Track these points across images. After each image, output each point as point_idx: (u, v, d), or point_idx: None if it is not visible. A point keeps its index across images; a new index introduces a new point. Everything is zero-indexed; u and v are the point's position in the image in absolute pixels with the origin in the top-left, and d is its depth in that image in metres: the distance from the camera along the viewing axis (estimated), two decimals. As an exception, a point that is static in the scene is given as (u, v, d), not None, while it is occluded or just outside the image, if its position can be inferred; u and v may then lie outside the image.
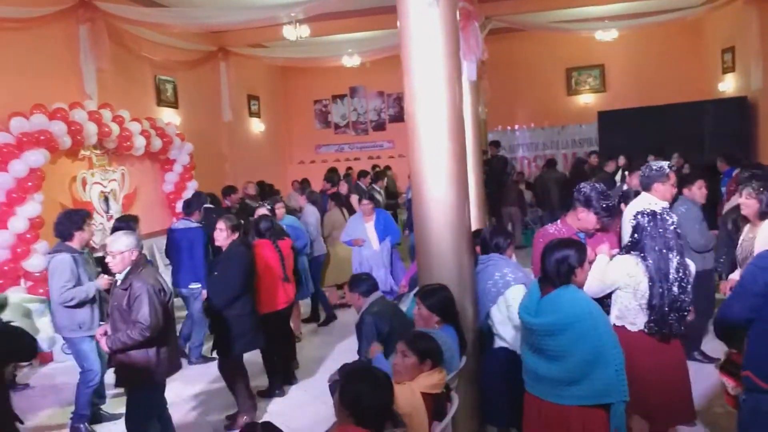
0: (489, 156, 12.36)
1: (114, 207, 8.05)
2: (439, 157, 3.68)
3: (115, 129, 7.82)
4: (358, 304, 4.26)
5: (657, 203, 3.46)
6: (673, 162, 10.17)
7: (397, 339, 3.85)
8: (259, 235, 5.58)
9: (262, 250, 5.44)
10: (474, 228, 4.30)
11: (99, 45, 8.13)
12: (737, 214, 4.98)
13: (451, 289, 3.56)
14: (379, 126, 15.84)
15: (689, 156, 10.50)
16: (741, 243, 4.27)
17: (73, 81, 8.04)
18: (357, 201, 7.92)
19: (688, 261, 3.37)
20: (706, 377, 4.56)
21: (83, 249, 4.96)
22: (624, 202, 5.00)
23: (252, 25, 10.42)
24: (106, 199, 7.95)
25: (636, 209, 3.91)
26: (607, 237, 3.91)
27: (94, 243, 7.58)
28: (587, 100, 14.88)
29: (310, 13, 9.13)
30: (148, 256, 5.84)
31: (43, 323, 3.87)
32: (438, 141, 3.67)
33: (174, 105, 10.74)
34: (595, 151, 12.43)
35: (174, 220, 9.31)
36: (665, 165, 4.36)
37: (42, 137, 6.60)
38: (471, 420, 3.85)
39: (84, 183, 7.63)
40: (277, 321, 5.51)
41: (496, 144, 13.01)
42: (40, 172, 6.60)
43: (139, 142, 8.30)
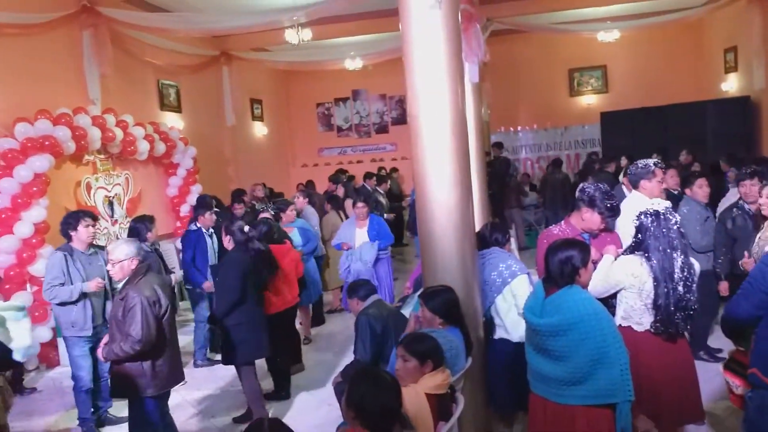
0: (492, 158, 12.37)
1: (118, 211, 8.08)
2: (443, 159, 3.69)
3: (119, 134, 7.85)
4: (356, 308, 4.39)
5: (660, 203, 3.44)
6: (682, 159, 10.17)
7: (392, 338, 3.92)
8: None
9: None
10: (477, 229, 4.34)
11: (102, 50, 8.17)
12: (736, 213, 5.00)
13: (456, 290, 3.56)
14: (382, 129, 15.87)
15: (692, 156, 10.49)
16: (757, 241, 4.28)
17: (77, 86, 8.07)
18: (351, 205, 7.78)
19: (692, 260, 3.38)
20: (712, 377, 4.55)
21: (89, 249, 4.98)
22: None
23: (254, 29, 10.45)
24: (110, 204, 7.97)
25: (626, 207, 3.93)
26: (611, 237, 3.91)
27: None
28: (590, 101, 14.88)
29: (312, 17, 9.14)
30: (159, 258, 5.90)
31: (19, 332, 3.77)
32: (441, 143, 3.68)
33: (177, 109, 10.77)
34: (595, 153, 12.44)
35: (178, 224, 9.36)
36: (651, 162, 4.34)
37: (46, 143, 6.63)
38: (477, 421, 3.85)
39: (88, 188, 7.65)
40: (277, 323, 5.49)
41: (499, 145, 13.03)
42: (44, 177, 6.63)
43: (143, 146, 8.33)
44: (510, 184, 11.67)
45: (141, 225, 5.85)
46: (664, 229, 3.29)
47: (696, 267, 3.39)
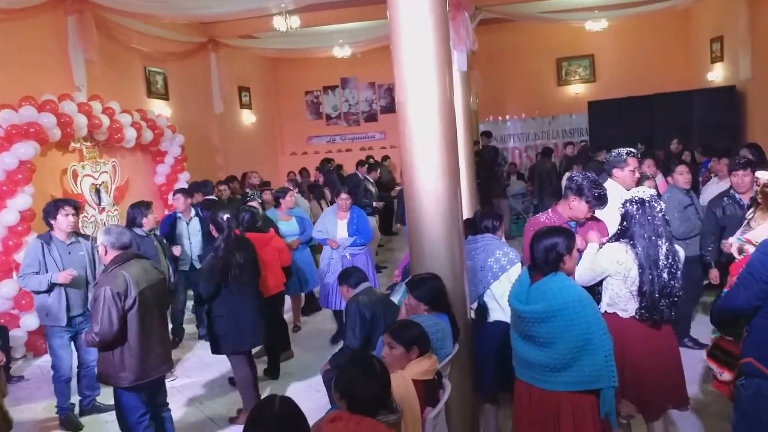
0: (480, 146, 12.39)
1: (105, 199, 8.04)
2: (430, 148, 3.69)
3: (106, 121, 7.78)
4: (347, 296, 4.41)
5: (645, 191, 3.47)
6: (673, 147, 10.25)
7: (382, 325, 3.95)
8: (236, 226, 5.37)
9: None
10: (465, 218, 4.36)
11: (87, 36, 8.09)
12: (726, 202, 5.04)
13: (443, 278, 3.59)
14: (371, 117, 15.84)
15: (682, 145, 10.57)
16: (743, 228, 4.30)
17: (62, 73, 7.99)
18: (331, 194, 7.43)
19: (677, 247, 3.42)
20: (695, 362, 4.62)
21: (70, 238, 4.91)
22: None
23: (242, 16, 10.37)
24: (97, 192, 7.92)
25: None
26: (598, 226, 3.95)
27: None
28: (577, 90, 14.93)
29: (300, 4, 9.10)
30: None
31: None
32: (429, 131, 3.68)
33: (164, 97, 10.69)
34: (571, 142, 12.49)
35: (166, 212, 9.32)
36: (623, 151, 4.36)
37: (31, 130, 6.56)
38: (464, 406, 3.89)
39: (75, 175, 7.60)
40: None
41: (487, 134, 13.03)
42: (30, 164, 6.58)
43: (130, 134, 8.26)
44: (498, 173, 11.70)
45: (137, 210, 5.84)
46: (649, 217, 3.32)
47: (681, 254, 3.43)
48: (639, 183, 4.35)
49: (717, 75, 12.76)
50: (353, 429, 2.33)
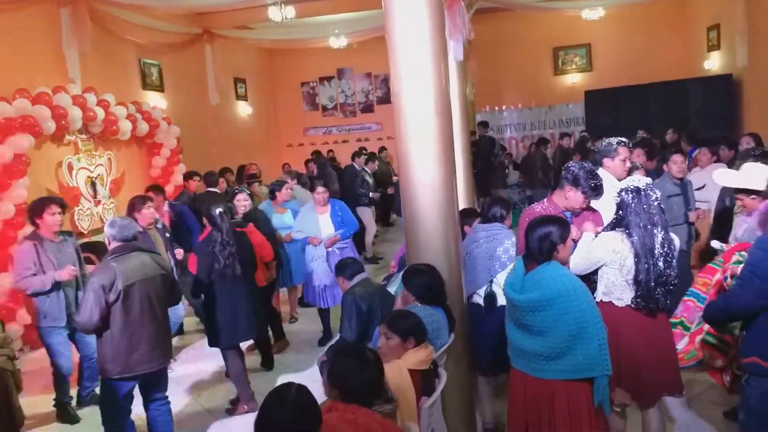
0: (477, 137, 12.37)
1: (101, 192, 8.01)
2: (426, 138, 3.68)
3: (100, 113, 7.74)
4: (344, 287, 4.40)
5: (640, 179, 3.47)
6: (668, 137, 10.25)
7: (378, 316, 3.95)
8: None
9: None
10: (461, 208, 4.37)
11: (81, 28, 8.03)
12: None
13: (439, 269, 3.59)
14: (368, 108, 15.79)
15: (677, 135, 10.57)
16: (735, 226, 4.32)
17: (56, 65, 7.94)
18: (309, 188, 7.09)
19: (672, 235, 3.42)
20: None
21: (58, 236, 4.86)
22: None
23: (237, 6, 10.32)
24: (93, 184, 7.89)
25: None
26: (593, 216, 3.95)
27: (82, 228, 7.57)
28: (574, 79, 14.90)
29: (295, -6, 9.05)
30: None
31: None
32: (424, 121, 3.66)
33: (160, 88, 10.64)
34: (568, 134, 12.45)
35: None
36: (614, 140, 4.36)
37: (26, 122, 6.53)
38: (460, 395, 3.90)
39: (70, 168, 7.56)
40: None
41: (484, 124, 13.01)
42: (25, 157, 6.54)
43: (125, 126, 8.23)
44: (495, 163, 11.69)
45: (137, 199, 5.77)
46: (644, 206, 3.32)
47: (676, 242, 3.43)
48: (629, 173, 4.34)
49: (714, 63, 12.75)
50: (349, 419, 2.33)
